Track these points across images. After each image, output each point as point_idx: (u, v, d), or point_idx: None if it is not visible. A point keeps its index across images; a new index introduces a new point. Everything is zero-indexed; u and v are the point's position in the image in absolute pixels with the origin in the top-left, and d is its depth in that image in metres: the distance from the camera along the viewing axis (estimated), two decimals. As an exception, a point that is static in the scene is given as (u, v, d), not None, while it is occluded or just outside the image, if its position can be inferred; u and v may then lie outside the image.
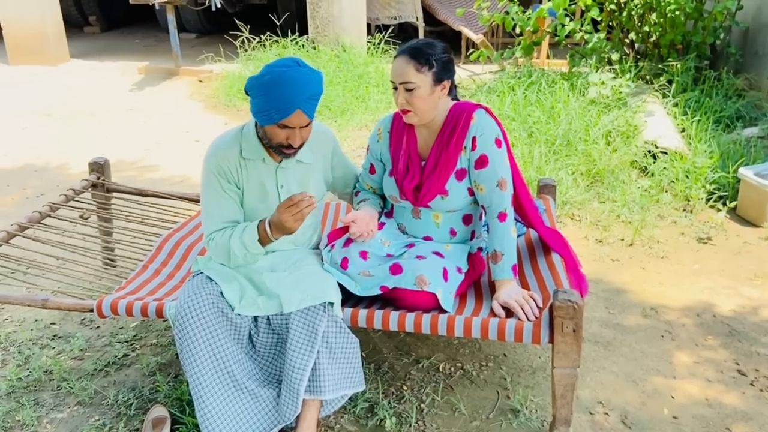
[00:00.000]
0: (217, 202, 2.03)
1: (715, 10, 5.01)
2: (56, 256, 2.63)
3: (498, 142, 2.10)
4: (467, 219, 2.21)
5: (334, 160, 2.26)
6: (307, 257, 2.17)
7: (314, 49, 6.61)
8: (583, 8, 5.26)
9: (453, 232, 2.20)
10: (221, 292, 2.00)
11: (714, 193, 3.78)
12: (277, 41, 6.55)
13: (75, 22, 9.88)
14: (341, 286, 2.07)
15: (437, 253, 2.12)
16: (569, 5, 5.28)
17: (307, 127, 1.96)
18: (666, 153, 4.09)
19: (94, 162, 3.04)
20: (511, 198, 2.11)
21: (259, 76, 1.89)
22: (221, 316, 1.96)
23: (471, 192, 2.14)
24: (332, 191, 2.37)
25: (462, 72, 6.81)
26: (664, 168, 3.97)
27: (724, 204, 3.69)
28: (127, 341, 2.64)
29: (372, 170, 2.30)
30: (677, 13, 5.09)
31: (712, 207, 3.74)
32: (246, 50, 6.43)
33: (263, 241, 1.97)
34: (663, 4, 5.03)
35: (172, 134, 5.27)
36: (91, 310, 2.17)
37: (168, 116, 5.77)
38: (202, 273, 2.05)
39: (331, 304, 1.95)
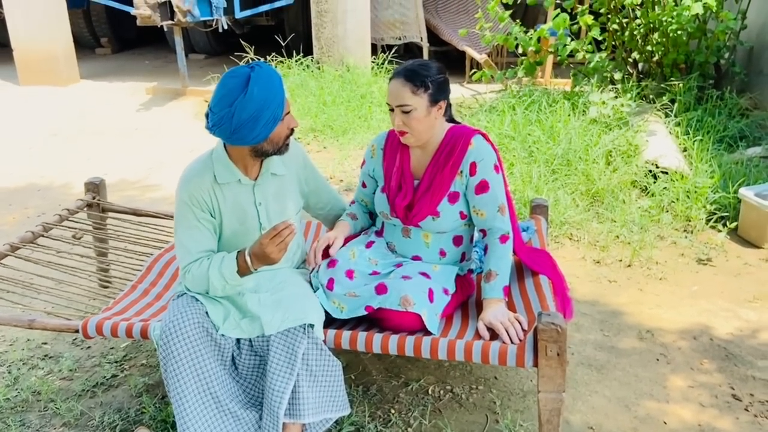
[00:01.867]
0: (190, 233, 2.01)
1: (717, 29, 4.99)
2: (49, 276, 2.64)
3: (496, 168, 2.11)
4: (457, 240, 2.19)
5: (307, 172, 2.26)
6: (291, 277, 2.16)
7: (319, 69, 6.66)
8: (585, 28, 5.26)
9: (442, 253, 2.19)
10: (206, 312, 1.99)
11: (715, 214, 3.73)
12: (282, 62, 6.61)
13: (87, 44, 10.05)
14: (328, 306, 2.08)
15: (424, 274, 2.11)
16: (571, 25, 5.29)
17: None
18: (666, 173, 4.06)
19: (89, 182, 3.06)
20: (511, 222, 2.11)
21: (242, 100, 1.85)
22: (206, 336, 1.95)
23: (463, 215, 2.13)
24: (305, 209, 2.35)
25: (465, 92, 6.83)
26: (665, 188, 3.93)
27: (725, 225, 3.65)
28: (116, 361, 2.64)
29: (364, 185, 2.33)
30: (679, 32, 5.08)
31: (712, 228, 3.70)
32: (251, 71, 6.48)
33: (242, 272, 1.95)
34: (665, 23, 5.02)
35: (175, 154, 5.32)
36: (77, 331, 2.17)
37: (173, 136, 5.82)
38: (186, 293, 2.05)
39: (312, 325, 1.94)
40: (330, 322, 2.11)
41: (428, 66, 2.03)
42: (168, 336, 1.90)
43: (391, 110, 2.06)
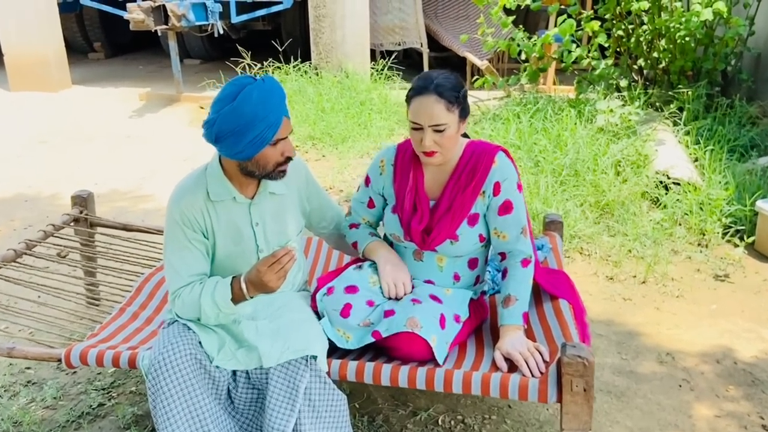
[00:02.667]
0: (180, 255, 1.85)
1: (726, 36, 4.87)
2: (31, 299, 2.47)
3: (519, 187, 1.95)
4: (473, 263, 2.04)
5: (309, 189, 2.10)
6: (292, 302, 2.00)
7: (317, 75, 6.51)
8: (591, 34, 5.13)
9: (457, 277, 2.03)
10: (200, 342, 1.83)
11: (730, 227, 3.59)
12: (279, 67, 6.46)
13: (80, 48, 9.88)
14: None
15: (435, 298, 1.95)
16: (576, 31, 5.16)
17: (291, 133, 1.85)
18: (678, 184, 3.92)
19: (76, 195, 2.90)
20: (532, 244, 1.97)
21: (233, 108, 1.71)
22: (199, 369, 1.79)
23: (482, 238, 1.98)
24: (307, 227, 2.19)
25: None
26: (677, 200, 3.78)
27: (742, 239, 3.50)
28: (104, 389, 2.47)
29: (371, 204, 2.14)
30: (687, 39, 4.96)
31: (728, 242, 3.55)
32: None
33: (237, 299, 1.79)
34: (672, 30, 4.89)
35: (168, 162, 5.15)
36: (60, 360, 2.01)
37: (166, 144, 5.65)
38: (177, 321, 1.88)
39: (315, 357, 1.78)
40: (333, 350, 1.95)
41: (453, 79, 1.87)
42: (158, 370, 1.74)
43: (416, 129, 1.87)
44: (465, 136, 2.05)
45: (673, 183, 3.94)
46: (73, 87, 7.75)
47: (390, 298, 1.98)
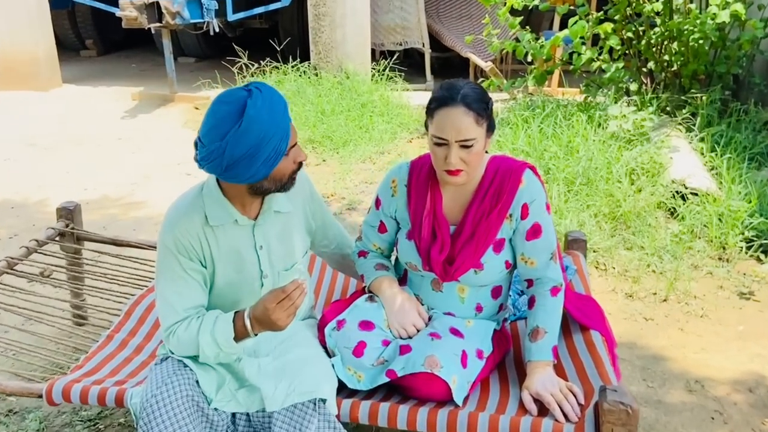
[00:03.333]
0: (175, 287, 1.65)
1: (742, 38, 4.70)
2: (10, 325, 2.28)
3: (548, 208, 1.77)
4: (496, 292, 1.85)
5: (314, 204, 1.91)
6: (297, 334, 1.81)
7: (316, 75, 6.31)
8: (603, 36, 4.94)
9: (479, 308, 1.84)
10: (197, 381, 1.64)
11: (753, 241, 3.42)
12: (277, 67, 6.26)
13: (72, 46, 9.64)
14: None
15: (455, 332, 1.76)
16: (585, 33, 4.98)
17: None
18: (696, 194, 3.75)
19: (62, 207, 2.70)
20: (560, 269, 1.79)
21: (237, 134, 1.50)
22: (196, 411, 1.60)
23: (508, 265, 1.80)
24: (310, 247, 1.99)
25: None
26: (696, 211, 3.61)
27: (766, 253, 3.33)
28: (90, 420, 2.27)
29: (382, 228, 1.92)
30: (701, 42, 4.78)
31: (751, 257, 3.38)
32: (244, 76, 6.14)
33: (240, 337, 1.60)
34: (686, 32, 4.72)
35: (162, 166, 4.95)
36: (40, 396, 1.82)
37: (160, 146, 5.45)
38: (172, 356, 1.69)
39: (324, 400, 1.59)
40: (342, 387, 1.77)
41: (479, 89, 1.68)
42: (150, 413, 1.55)
43: (440, 144, 1.67)
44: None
45: (691, 193, 3.77)
46: (64, 86, 7.52)
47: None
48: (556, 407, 1.62)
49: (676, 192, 3.83)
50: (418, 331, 1.78)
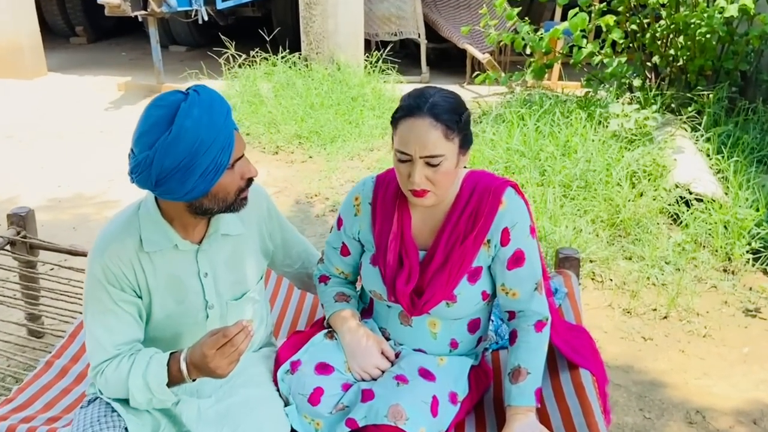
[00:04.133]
0: (103, 320, 1.44)
1: (750, 33, 4.45)
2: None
3: (533, 231, 1.54)
4: (474, 326, 1.63)
5: (271, 224, 1.68)
6: (248, 370, 1.60)
7: (306, 67, 6.07)
8: (604, 29, 4.70)
9: (454, 344, 1.62)
10: (126, 429, 1.43)
11: (761, 252, 3.20)
12: (266, 58, 6.02)
13: (61, 33, 9.39)
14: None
15: (425, 373, 1.55)
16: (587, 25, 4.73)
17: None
18: (701, 200, 3.53)
19: (13, 214, 2.50)
20: (545, 301, 1.57)
21: (167, 143, 1.29)
22: (123, 466, 1.40)
23: (485, 296, 1.57)
24: (269, 265, 1.77)
25: (466, 94, 6.27)
26: (702, 219, 3.39)
27: (774, 266, 3.13)
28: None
29: (345, 251, 1.69)
30: (708, 36, 4.54)
31: (758, 269, 3.17)
32: (231, 67, 5.91)
33: (175, 381, 1.39)
34: (693, 26, 4.48)
35: (142, 162, 4.73)
36: (-40, 437, 1.62)
37: (142, 140, 5.22)
38: (100, 398, 1.49)
39: (271, 455, 1.39)
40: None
41: (452, 98, 1.45)
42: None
43: (403, 161, 1.44)
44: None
45: (696, 199, 3.55)
46: (49, 74, 7.30)
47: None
48: None
49: (680, 197, 3.61)
50: (382, 372, 1.57)
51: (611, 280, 3.09)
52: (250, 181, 1.45)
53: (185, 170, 1.31)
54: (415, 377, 1.52)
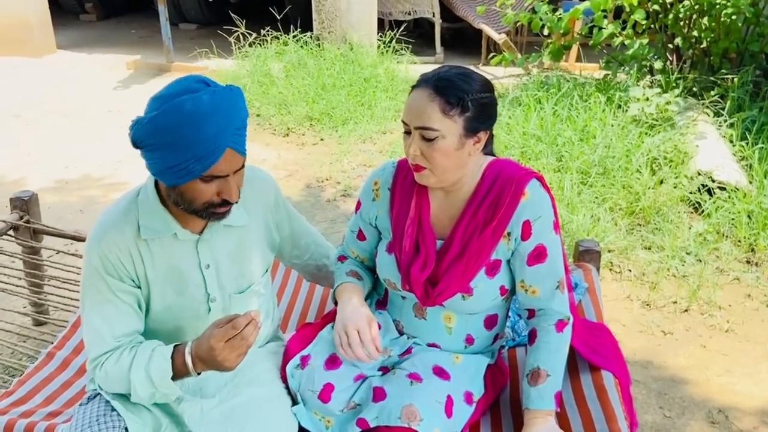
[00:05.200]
0: (102, 311, 1.37)
1: (779, 14, 4.29)
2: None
3: (556, 227, 1.45)
4: (490, 322, 1.55)
5: (278, 214, 1.60)
6: (253, 367, 1.53)
7: (318, 46, 5.95)
8: (627, 9, 4.54)
9: (470, 340, 1.55)
10: (126, 429, 1.37)
11: (786, 244, 3.09)
12: (277, 37, 5.90)
13: (71, 9, 9.30)
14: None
15: (440, 371, 1.47)
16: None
17: (242, 169, 1.34)
18: (724, 188, 3.41)
19: (16, 198, 2.44)
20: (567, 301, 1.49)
21: (152, 117, 1.23)
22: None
23: (504, 291, 1.49)
24: (277, 256, 1.70)
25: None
26: (725, 208, 3.28)
27: (800, 258, 3.01)
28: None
29: (361, 236, 1.63)
30: (734, 17, 4.38)
31: (784, 261, 3.06)
32: (241, 46, 5.79)
33: (180, 375, 1.32)
34: (718, 6, 4.31)
35: (151, 143, 4.66)
36: (-41, 430, 1.57)
37: (151, 120, 5.15)
38: (100, 395, 1.43)
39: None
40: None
41: (470, 78, 1.38)
42: (67, 469, 1.29)
43: (405, 132, 1.41)
44: (490, 153, 1.55)
45: (718, 187, 3.43)
46: (58, 52, 7.21)
47: (381, 370, 1.51)
48: None
49: (702, 185, 3.49)
50: (362, 341, 1.45)
51: (630, 270, 3.00)
52: (225, 202, 1.34)
53: (151, 151, 1.27)
54: (429, 376, 1.45)
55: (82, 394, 1.72)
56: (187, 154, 1.23)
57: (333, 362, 1.49)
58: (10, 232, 2.39)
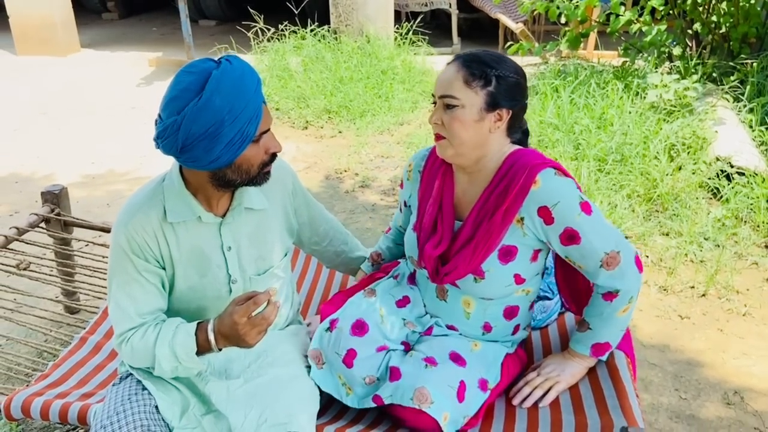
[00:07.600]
0: (128, 290, 1.45)
1: (800, -3, 4.24)
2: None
3: (586, 207, 1.45)
4: (510, 312, 1.59)
5: (297, 200, 1.68)
6: (276, 348, 1.60)
7: (335, 40, 6.01)
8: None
9: (487, 327, 1.60)
10: (156, 407, 1.45)
11: (806, 228, 3.08)
12: (295, 31, 5.97)
13: (93, 8, 9.50)
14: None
15: (456, 357, 1.52)
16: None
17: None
18: (743, 174, 3.40)
19: (47, 191, 2.53)
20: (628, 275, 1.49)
21: (204, 103, 1.27)
22: (154, 445, 1.41)
23: (519, 279, 1.52)
24: (296, 243, 1.78)
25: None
26: (744, 194, 3.27)
27: (820, 242, 3.00)
28: (70, 423, 2.13)
29: (401, 210, 1.81)
30: (753, 2, 4.34)
31: (803, 245, 3.05)
32: (260, 41, 5.87)
33: (203, 351, 1.40)
34: (737, -10, 4.29)
35: (173, 138, 4.76)
36: (-1, 411, 1.66)
37: (173, 116, 5.25)
38: (132, 375, 1.51)
39: (300, 433, 1.39)
40: (327, 407, 1.57)
41: (502, 59, 1.47)
42: (102, 444, 1.37)
43: (434, 103, 1.51)
44: (522, 143, 1.59)
45: (737, 173, 3.42)
46: (82, 50, 7.37)
47: (404, 346, 1.60)
48: (525, 390, 1.56)
49: (721, 171, 3.48)
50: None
51: (647, 256, 3.01)
52: (274, 155, 1.44)
53: (212, 138, 1.31)
54: (445, 361, 1.50)
55: (114, 376, 1.80)
56: (242, 120, 1.30)
57: (360, 328, 1.56)
58: (42, 224, 2.48)
